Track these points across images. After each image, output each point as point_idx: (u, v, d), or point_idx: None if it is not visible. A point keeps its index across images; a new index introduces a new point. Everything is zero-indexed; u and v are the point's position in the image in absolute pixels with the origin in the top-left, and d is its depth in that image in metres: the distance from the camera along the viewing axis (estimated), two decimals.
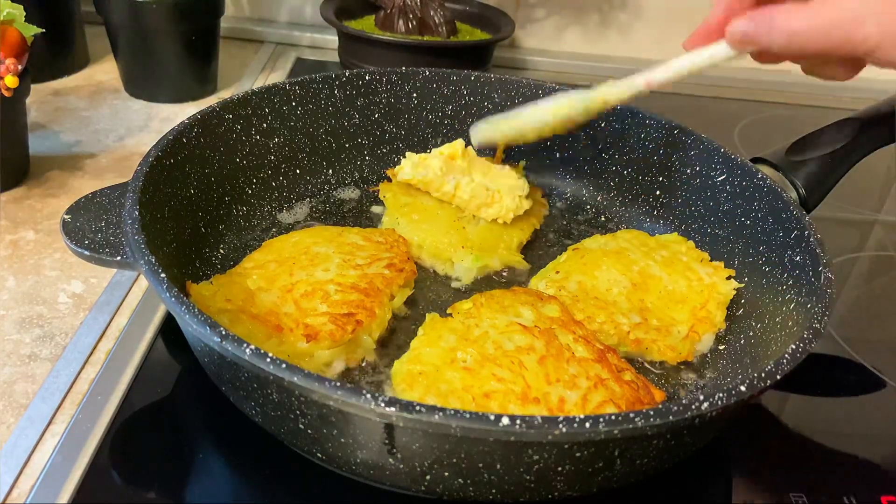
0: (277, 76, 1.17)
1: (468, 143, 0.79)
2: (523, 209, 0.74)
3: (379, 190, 0.78)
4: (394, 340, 0.61)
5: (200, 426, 0.55)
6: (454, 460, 0.42)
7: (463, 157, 0.76)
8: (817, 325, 0.49)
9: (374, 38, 1.05)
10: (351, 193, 0.80)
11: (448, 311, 0.60)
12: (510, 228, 0.73)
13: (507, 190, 0.74)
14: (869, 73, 0.53)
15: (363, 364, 0.58)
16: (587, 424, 0.38)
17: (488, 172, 0.77)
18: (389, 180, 0.79)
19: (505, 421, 0.38)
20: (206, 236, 0.67)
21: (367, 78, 0.80)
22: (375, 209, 0.79)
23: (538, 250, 0.75)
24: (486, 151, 0.86)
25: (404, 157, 0.77)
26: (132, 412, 0.54)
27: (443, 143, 0.85)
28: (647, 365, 0.61)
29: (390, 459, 0.43)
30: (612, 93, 0.62)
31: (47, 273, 0.68)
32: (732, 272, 0.67)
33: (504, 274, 0.71)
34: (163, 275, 0.46)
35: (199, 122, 0.65)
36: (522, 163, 0.85)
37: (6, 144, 0.76)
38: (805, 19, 0.48)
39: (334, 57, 1.21)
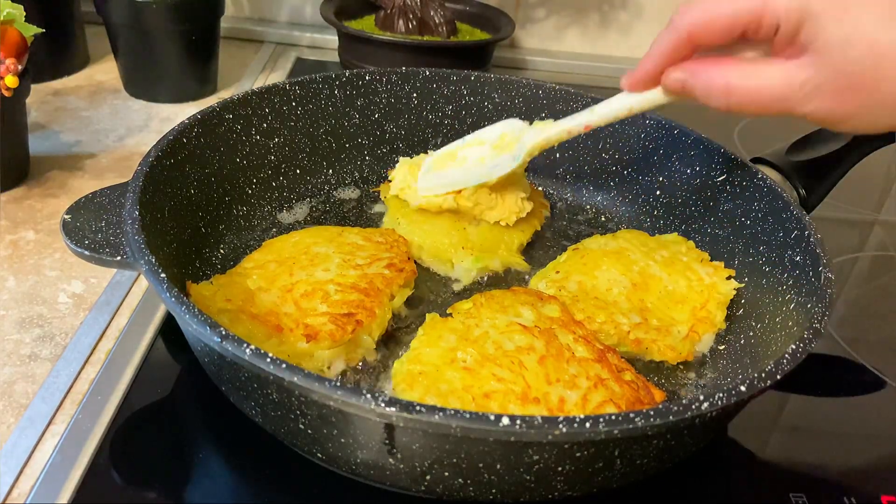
0: (277, 76, 1.17)
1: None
2: (525, 211, 0.74)
3: (380, 191, 0.78)
4: (394, 340, 0.61)
5: (200, 426, 0.55)
6: (454, 460, 0.42)
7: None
8: (817, 325, 0.49)
9: (374, 38, 1.05)
10: (351, 193, 0.80)
11: (448, 311, 0.60)
12: (511, 230, 0.73)
13: (510, 192, 0.74)
14: None
15: (363, 364, 0.58)
16: (587, 424, 0.38)
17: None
18: (390, 181, 0.79)
19: (505, 421, 0.38)
20: (206, 236, 0.67)
21: (367, 78, 0.80)
22: (375, 209, 0.79)
23: (538, 250, 0.75)
24: None
25: (404, 158, 0.77)
26: (132, 412, 0.54)
27: (443, 143, 0.85)
28: (647, 365, 0.61)
29: (390, 459, 0.43)
30: (552, 135, 0.63)
31: (47, 273, 0.68)
32: (732, 272, 0.67)
33: (503, 274, 0.71)
34: (163, 275, 0.46)
35: (199, 122, 0.65)
36: None
37: (6, 144, 0.76)
38: (744, 82, 0.47)
39: (334, 57, 1.21)
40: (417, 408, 0.38)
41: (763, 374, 0.44)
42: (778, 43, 0.46)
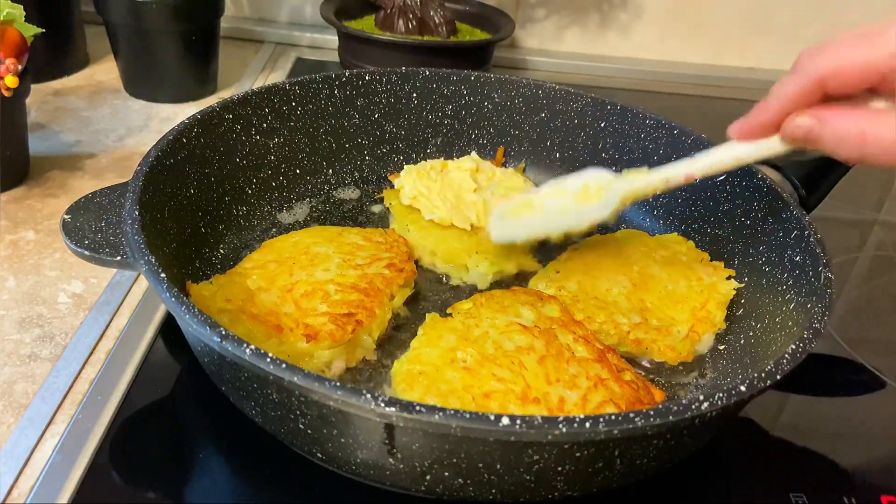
0: (277, 76, 1.17)
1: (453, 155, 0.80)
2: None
3: (384, 196, 0.78)
4: (394, 340, 0.61)
5: (200, 426, 0.55)
6: (454, 460, 0.42)
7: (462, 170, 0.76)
8: (817, 325, 0.49)
9: (374, 38, 1.05)
10: (351, 193, 0.80)
11: (448, 311, 0.60)
12: None
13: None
14: None
15: (363, 364, 0.58)
16: (587, 424, 0.38)
17: (492, 177, 0.77)
18: (391, 183, 0.79)
19: (505, 421, 0.38)
20: (206, 236, 0.67)
21: (367, 78, 0.80)
22: (375, 209, 0.79)
23: (538, 250, 0.75)
24: (487, 155, 0.86)
25: (403, 158, 0.77)
26: (132, 412, 0.54)
27: (443, 143, 0.85)
28: (647, 365, 0.61)
29: (390, 459, 0.43)
30: (650, 184, 0.59)
31: (47, 273, 0.68)
32: (732, 272, 0.67)
33: (516, 277, 0.71)
34: (163, 275, 0.46)
35: (199, 122, 0.65)
36: (522, 165, 0.85)
37: (6, 144, 0.76)
38: (881, 132, 0.45)
39: (334, 57, 1.21)
40: (417, 408, 0.38)
41: (763, 374, 0.44)
42: None
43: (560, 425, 0.38)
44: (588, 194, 0.62)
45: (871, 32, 0.45)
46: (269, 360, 0.40)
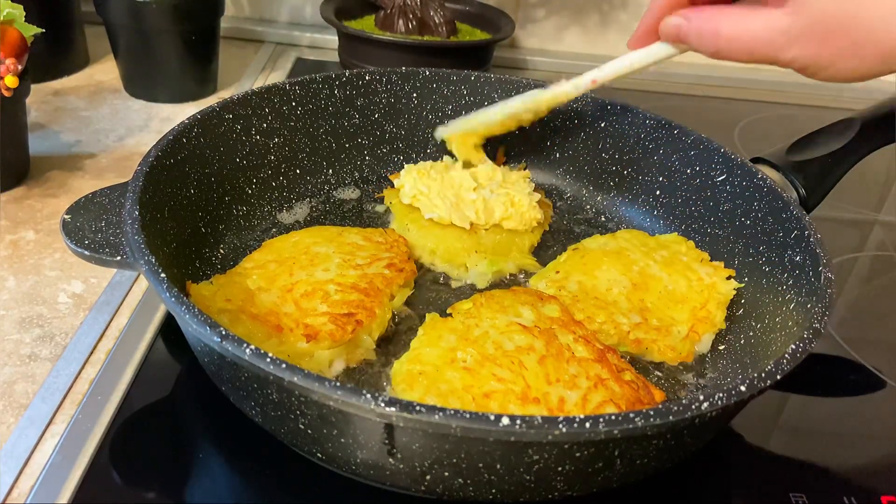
0: (277, 76, 1.17)
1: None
2: (538, 218, 0.74)
3: (384, 196, 0.78)
4: (394, 340, 0.61)
5: (200, 426, 0.55)
6: (454, 460, 0.42)
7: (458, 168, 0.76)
8: (817, 325, 0.49)
9: (374, 38, 1.05)
10: (351, 193, 0.80)
11: (448, 311, 0.60)
12: (521, 232, 0.73)
13: (525, 198, 0.73)
14: None
15: (363, 364, 0.58)
16: (587, 424, 0.38)
17: (493, 177, 0.77)
18: (391, 183, 0.79)
19: (505, 421, 0.38)
20: (206, 236, 0.67)
21: (367, 78, 0.80)
22: (375, 209, 0.79)
23: (539, 250, 0.75)
24: (486, 155, 0.86)
25: (403, 158, 0.77)
26: (132, 412, 0.54)
27: (443, 143, 0.85)
28: (647, 365, 0.61)
29: (390, 459, 0.43)
30: (562, 91, 0.68)
31: (47, 273, 0.68)
32: (732, 272, 0.67)
33: (515, 276, 0.71)
34: (163, 275, 0.46)
35: (199, 122, 0.65)
36: (523, 164, 0.85)
37: (6, 144, 0.76)
38: (733, 28, 0.49)
39: (334, 57, 1.21)
40: (417, 408, 0.38)
41: (763, 374, 0.44)
42: None
43: (560, 425, 0.38)
44: (514, 106, 0.72)
45: None
46: (269, 360, 0.40)
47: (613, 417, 0.39)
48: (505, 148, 0.85)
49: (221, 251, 0.68)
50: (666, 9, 0.54)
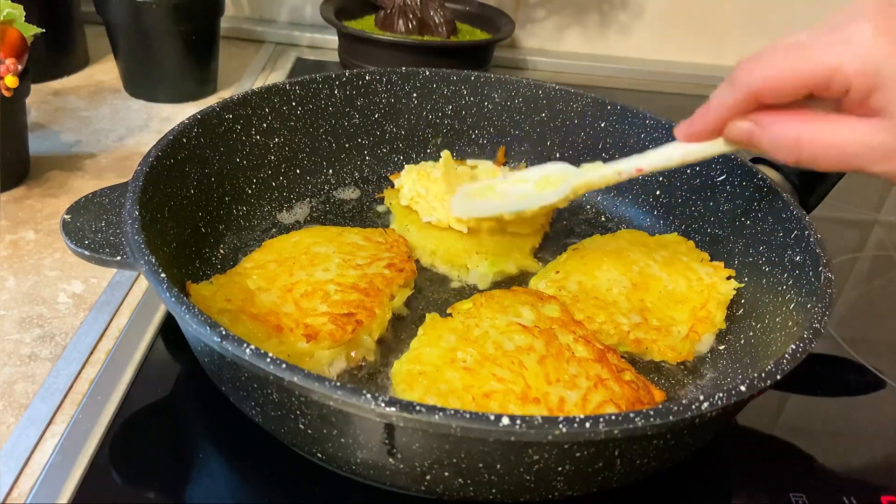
0: (277, 76, 1.17)
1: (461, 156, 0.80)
2: (541, 221, 0.73)
3: (384, 196, 0.78)
4: (394, 340, 0.61)
5: (200, 426, 0.55)
6: (454, 460, 0.42)
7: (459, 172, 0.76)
8: (817, 325, 0.49)
9: (374, 38, 1.05)
10: (351, 193, 0.80)
11: (448, 311, 0.60)
12: (517, 235, 0.73)
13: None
14: None
15: (363, 364, 0.58)
16: (587, 424, 0.38)
17: (494, 178, 0.77)
18: (391, 183, 0.79)
19: (505, 421, 0.38)
20: (206, 236, 0.67)
21: (367, 78, 0.80)
22: (375, 209, 0.79)
23: (539, 250, 0.75)
24: (487, 155, 0.86)
25: (403, 158, 0.77)
26: (132, 412, 0.54)
27: (443, 143, 0.85)
28: (647, 365, 0.61)
29: (390, 459, 0.43)
30: (601, 176, 0.62)
31: (47, 273, 0.68)
32: (732, 272, 0.67)
33: (516, 276, 0.71)
34: (163, 275, 0.46)
35: (199, 122, 0.65)
36: (523, 164, 0.85)
37: (6, 144, 0.76)
38: (817, 138, 0.46)
39: (334, 57, 1.21)
40: (417, 408, 0.38)
41: (763, 374, 0.44)
42: (847, 103, 0.45)
43: (560, 425, 0.38)
44: (548, 182, 0.66)
45: (806, 43, 0.45)
46: (269, 360, 0.40)
47: (613, 417, 0.39)
48: (504, 148, 0.85)
49: (221, 251, 0.68)
50: (730, 116, 0.50)
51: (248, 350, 0.41)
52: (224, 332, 0.42)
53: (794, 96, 0.47)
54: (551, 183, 0.66)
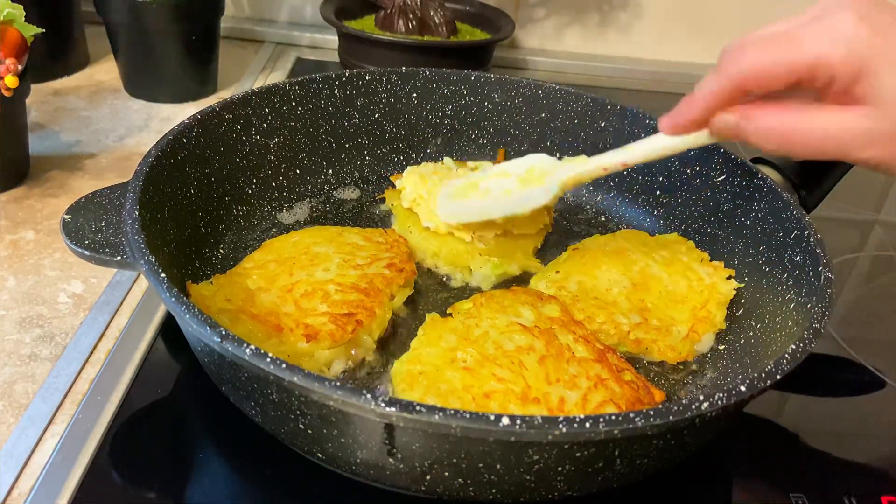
0: (277, 76, 1.17)
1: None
2: (544, 221, 0.73)
3: (385, 197, 0.78)
4: (394, 340, 0.61)
5: (200, 426, 0.55)
6: (454, 460, 0.42)
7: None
8: (817, 325, 0.49)
9: (374, 38, 1.05)
10: (351, 193, 0.80)
11: (448, 311, 0.60)
12: (519, 236, 0.73)
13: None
14: None
15: (363, 364, 0.58)
16: (587, 424, 0.38)
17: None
18: (392, 184, 0.79)
19: (505, 421, 0.38)
20: (206, 236, 0.67)
21: (367, 78, 0.80)
22: (376, 209, 0.79)
23: (539, 250, 0.75)
24: (487, 155, 0.86)
25: (403, 158, 0.76)
26: (132, 412, 0.54)
27: (443, 143, 0.85)
28: (647, 365, 0.61)
29: (390, 459, 0.43)
30: (588, 170, 0.61)
31: (47, 273, 0.68)
32: (732, 272, 0.67)
33: (518, 276, 0.71)
34: (163, 275, 0.46)
35: (199, 122, 0.65)
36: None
37: (6, 144, 0.76)
38: (802, 126, 0.46)
39: (334, 57, 1.21)
40: (417, 408, 0.38)
41: (763, 374, 0.44)
42: (831, 92, 0.46)
43: (560, 425, 0.38)
44: (531, 177, 0.65)
45: (791, 32, 0.45)
46: (269, 360, 0.40)
47: (613, 417, 0.39)
48: (504, 149, 0.85)
49: (221, 251, 0.68)
50: (715, 106, 0.50)
51: (248, 350, 0.41)
52: (224, 332, 0.42)
53: (780, 85, 0.47)
54: (536, 178, 0.65)
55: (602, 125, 0.81)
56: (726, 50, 0.48)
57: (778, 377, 0.44)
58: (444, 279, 0.69)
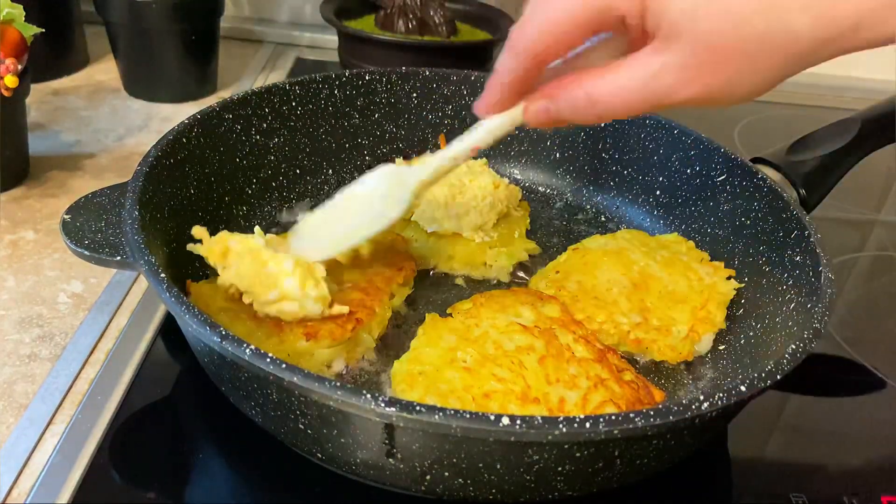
0: (277, 76, 1.17)
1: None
2: (504, 203, 0.73)
3: None
4: (394, 340, 0.61)
5: (200, 426, 0.55)
6: (454, 460, 0.42)
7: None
8: (817, 325, 0.49)
9: (374, 38, 1.05)
10: None
11: (448, 310, 0.60)
12: (510, 218, 0.74)
13: (496, 177, 0.73)
14: (869, 72, 0.53)
15: (363, 363, 0.58)
16: (587, 424, 0.38)
17: (461, 183, 0.73)
18: None
19: (505, 421, 0.38)
20: None
21: (367, 78, 0.80)
22: None
23: (535, 238, 0.75)
24: (486, 155, 0.86)
25: (403, 158, 0.76)
26: (132, 412, 0.54)
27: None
28: (647, 365, 0.61)
29: (390, 460, 0.43)
30: (438, 166, 0.56)
31: (47, 273, 0.68)
32: (732, 272, 0.67)
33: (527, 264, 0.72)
34: (163, 275, 0.46)
35: (199, 122, 0.65)
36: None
37: (6, 144, 0.76)
38: (605, 87, 0.43)
39: (334, 57, 1.21)
40: (417, 408, 0.38)
41: (763, 374, 0.44)
42: (632, 39, 0.43)
43: (560, 425, 0.38)
44: (382, 195, 0.58)
45: None
46: (269, 360, 0.40)
47: (613, 417, 0.39)
48: (503, 148, 0.85)
49: None
50: (518, 85, 0.46)
51: (248, 350, 0.41)
52: (224, 332, 0.42)
53: (573, 43, 0.44)
54: (387, 195, 0.58)
55: (602, 125, 0.81)
56: (514, 25, 0.45)
57: (778, 377, 0.44)
58: (445, 279, 0.69)
